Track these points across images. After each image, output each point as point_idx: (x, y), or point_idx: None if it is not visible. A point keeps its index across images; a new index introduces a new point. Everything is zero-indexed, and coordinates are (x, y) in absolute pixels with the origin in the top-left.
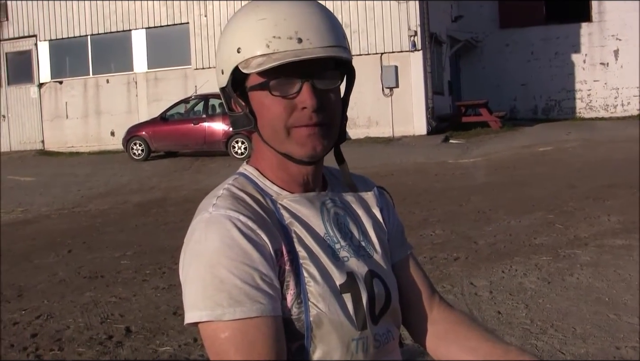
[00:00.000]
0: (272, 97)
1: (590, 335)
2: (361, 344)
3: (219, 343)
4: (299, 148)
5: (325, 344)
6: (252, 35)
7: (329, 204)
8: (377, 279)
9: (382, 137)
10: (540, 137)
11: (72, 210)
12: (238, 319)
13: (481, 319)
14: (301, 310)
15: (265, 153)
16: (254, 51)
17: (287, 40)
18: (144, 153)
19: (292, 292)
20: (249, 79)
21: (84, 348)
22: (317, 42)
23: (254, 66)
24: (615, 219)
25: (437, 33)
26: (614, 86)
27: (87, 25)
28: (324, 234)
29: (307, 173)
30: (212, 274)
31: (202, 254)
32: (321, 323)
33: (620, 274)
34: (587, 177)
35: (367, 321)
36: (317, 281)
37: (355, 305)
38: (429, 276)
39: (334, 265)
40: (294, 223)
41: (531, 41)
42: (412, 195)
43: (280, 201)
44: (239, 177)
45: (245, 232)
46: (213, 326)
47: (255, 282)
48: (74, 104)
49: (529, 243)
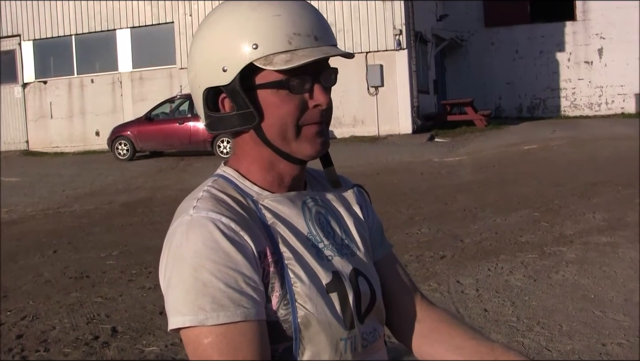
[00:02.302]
0: (284, 95)
1: (576, 331)
2: (349, 343)
3: (202, 348)
4: (309, 146)
5: (314, 345)
6: (271, 31)
7: (310, 203)
8: (361, 278)
9: (368, 136)
10: (525, 136)
11: (57, 210)
12: (221, 324)
13: (467, 317)
14: (288, 311)
15: (256, 153)
16: (276, 47)
17: (306, 37)
18: (129, 153)
19: (278, 294)
20: (259, 75)
21: (70, 348)
22: (327, 40)
23: (279, 63)
24: (601, 216)
25: (422, 32)
26: (598, 85)
27: (71, 24)
28: (307, 234)
29: (296, 173)
30: (195, 278)
31: (184, 258)
32: (309, 324)
33: (606, 271)
34: (572, 175)
35: (354, 320)
36: (304, 282)
37: (342, 304)
38: (410, 274)
39: (319, 265)
40: (277, 223)
41: (516, 40)
42: (398, 194)
43: (261, 202)
44: (218, 179)
45: (228, 234)
46: (196, 331)
47: (239, 286)
48: (58, 104)
49: (514, 241)
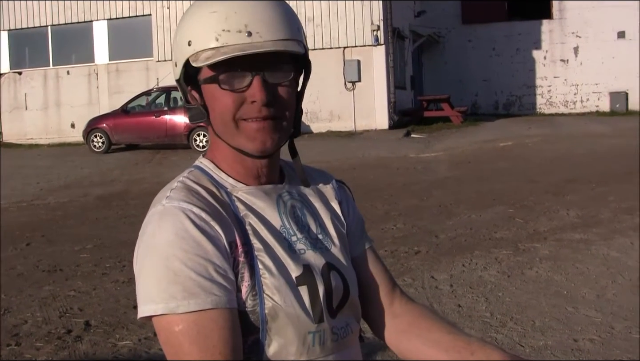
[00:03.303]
0: (222, 90)
1: (548, 327)
2: (318, 337)
3: (173, 336)
4: (249, 142)
5: (281, 337)
6: (202, 29)
7: (285, 197)
8: (334, 272)
9: (344, 131)
10: (501, 133)
11: (31, 203)
12: (192, 311)
13: (442, 312)
14: (256, 302)
15: (220, 146)
16: (204, 44)
17: (237, 33)
18: (104, 145)
19: (247, 284)
20: (201, 72)
21: (42, 342)
22: (267, 35)
23: (202, 60)
24: (574, 213)
25: (400, 28)
26: (574, 82)
27: (47, 15)
28: (279, 227)
29: (262, 166)
30: (166, 267)
31: (156, 247)
32: (277, 316)
33: (579, 268)
34: (547, 172)
35: (324, 314)
36: (273, 273)
37: (311, 298)
38: (389, 270)
39: (290, 257)
40: (249, 215)
41: (493, 37)
42: (374, 189)
43: (235, 194)
44: (194, 170)
45: (199, 224)
46: (167, 319)
47: (210, 274)
48: (33, 95)
49: (489, 237)
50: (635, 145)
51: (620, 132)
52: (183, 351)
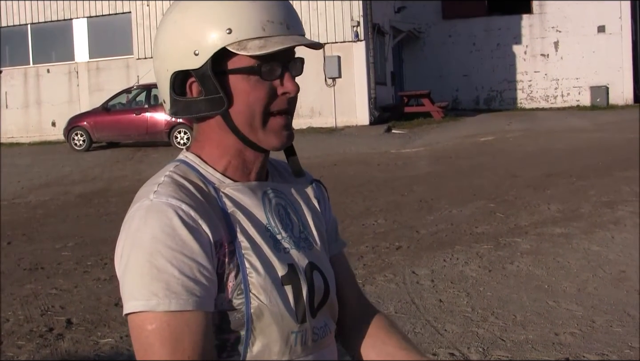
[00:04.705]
0: (255, 82)
1: (530, 322)
2: (300, 337)
3: (144, 335)
4: (275, 138)
5: (265, 336)
6: (245, 17)
7: (270, 194)
8: (316, 272)
9: (325, 127)
10: (482, 128)
11: (11, 201)
12: (170, 311)
13: (423, 307)
14: (242, 301)
15: (222, 140)
16: (250, 33)
17: (279, 25)
18: (85, 144)
19: (232, 283)
20: (231, 61)
21: (24, 341)
22: (299, 30)
23: (253, 48)
24: (555, 207)
25: (380, 24)
26: (554, 77)
27: (27, 13)
28: (266, 225)
29: (260, 161)
30: (150, 263)
31: (141, 243)
32: (262, 315)
33: (560, 262)
34: (527, 166)
35: (306, 314)
36: (259, 273)
37: (295, 297)
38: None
39: (276, 256)
40: (237, 212)
41: (473, 32)
42: (355, 185)
43: (222, 189)
44: (180, 164)
45: (187, 222)
46: (142, 316)
47: (194, 274)
48: (13, 93)
49: (470, 232)
50: (615, 139)
51: (601, 126)
52: (153, 351)
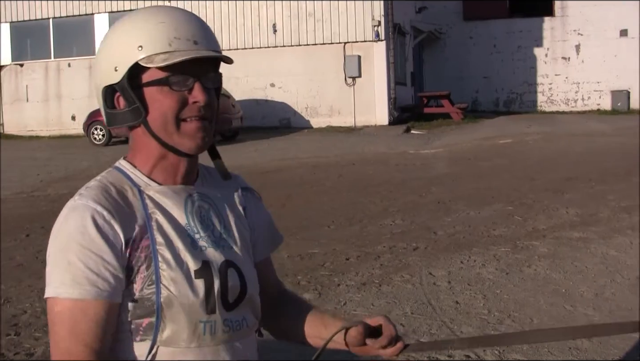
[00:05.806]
0: (166, 91)
1: (546, 325)
2: (209, 327)
3: (51, 316)
4: (188, 141)
5: (175, 323)
6: (154, 35)
7: (194, 197)
8: (232, 270)
9: (344, 126)
10: (501, 130)
11: (30, 194)
12: (73, 298)
13: (439, 308)
14: (152, 291)
15: (147, 146)
16: (158, 48)
17: (186, 41)
18: (105, 138)
19: (143, 275)
20: (145, 74)
21: (41, 333)
22: (208, 45)
23: (158, 61)
24: (573, 211)
25: (400, 24)
26: (575, 81)
27: (49, 8)
28: (184, 224)
29: (185, 165)
30: (63, 256)
31: (59, 237)
32: (171, 304)
33: (577, 266)
34: (546, 170)
35: (217, 306)
36: (171, 266)
37: (207, 291)
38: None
39: (190, 253)
40: (156, 212)
41: (494, 34)
42: (373, 185)
43: (147, 192)
44: (112, 170)
45: (98, 222)
46: (52, 301)
47: (99, 269)
48: (34, 87)
49: (487, 234)
50: (635, 144)
51: (621, 131)
52: (54, 330)
